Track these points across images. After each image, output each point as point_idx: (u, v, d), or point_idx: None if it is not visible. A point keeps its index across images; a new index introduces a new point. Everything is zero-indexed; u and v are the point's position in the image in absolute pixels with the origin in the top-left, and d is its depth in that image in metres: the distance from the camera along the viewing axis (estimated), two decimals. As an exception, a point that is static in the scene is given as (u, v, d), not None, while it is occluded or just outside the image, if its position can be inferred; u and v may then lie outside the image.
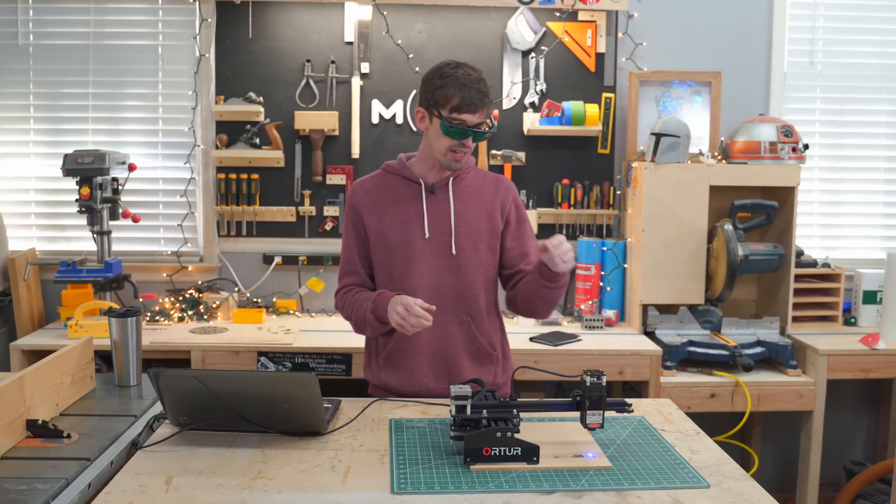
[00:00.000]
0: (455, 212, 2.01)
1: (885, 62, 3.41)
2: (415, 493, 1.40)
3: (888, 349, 2.87)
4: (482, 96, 1.90)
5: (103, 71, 3.24)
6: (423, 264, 1.99)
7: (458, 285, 2.01)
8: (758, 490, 1.44)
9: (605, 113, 3.25)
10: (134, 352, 2.03)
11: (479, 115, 1.91)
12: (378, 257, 2.03)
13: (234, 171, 3.22)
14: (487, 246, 2.03)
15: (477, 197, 2.05)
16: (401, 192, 2.03)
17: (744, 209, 2.93)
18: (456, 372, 2.01)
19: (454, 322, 2.01)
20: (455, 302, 2.01)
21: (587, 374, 1.55)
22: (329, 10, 3.19)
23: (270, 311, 3.19)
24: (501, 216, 2.06)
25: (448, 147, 1.93)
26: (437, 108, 1.90)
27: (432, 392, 1.99)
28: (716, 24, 3.31)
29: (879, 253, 3.42)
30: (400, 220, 2.00)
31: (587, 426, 1.57)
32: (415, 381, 2.01)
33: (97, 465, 1.51)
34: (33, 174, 3.28)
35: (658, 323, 2.97)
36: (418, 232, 1.99)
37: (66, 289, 3.01)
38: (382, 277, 2.04)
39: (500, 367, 2.09)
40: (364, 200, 2.04)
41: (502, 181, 2.11)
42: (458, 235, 2.00)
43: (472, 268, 2.01)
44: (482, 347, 2.04)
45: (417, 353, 2.00)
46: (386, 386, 2.04)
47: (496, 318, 2.11)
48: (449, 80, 1.89)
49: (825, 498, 3.20)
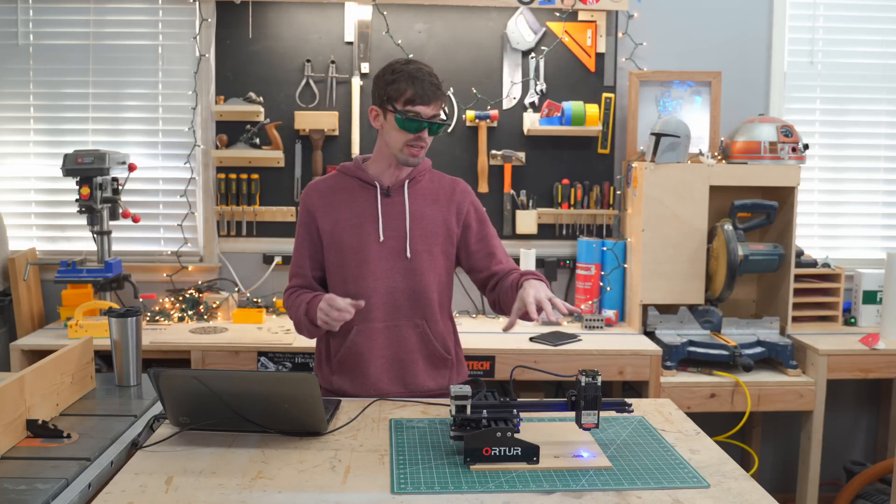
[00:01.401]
0: (410, 214, 2.00)
1: (885, 62, 3.41)
2: (415, 493, 1.40)
3: (888, 349, 2.87)
4: (435, 88, 1.90)
5: (103, 71, 3.24)
6: (377, 267, 1.98)
7: (413, 289, 2.00)
8: (758, 490, 1.44)
9: (605, 113, 3.25)
10: (134, 352, 2.03)
11: (433, 107, 1.91)
12: (331, 260, 2.02)
13: (234, 171, 3.22)
14: (442, 249, 2.03)
15: (433, 200, 2.04)
16: (356, 193, 2.02)
17: (744, 209, 2.93)
18: (410, 376, 2.01)
19: (408, 326, 2.01)
20: (409, 306, 2.00)
21: (582, 373, 1.55)
22: (329, 10, 3.19)
23: (270, 311, 3.19)
24: (458, 220, 2.05)
25: (404, 142, 1.92)
26: (391, 102, 1.90)
27: (386, 396, 1.98)
28: (716, 24, 3.31)
29: (879, 253, 3.42)
30: (354, 222, 1.99)
31: (582, 426, 1.56)
32: (369, 385, 2.00)
33: (97, 465, 1.50)
34: (33, 174, 3.28)
35: (658, 323, 2.97)
36: (373, 235, 1.98)
37: (66, 289, 3.01)
38: (336, 280, 2.02)
39: (454, 371, 2.09)
40: (318, 202, 2.03)
41: (458, 184, 2.10)
42: (413, 238, 1.99)
43: (427, 271, 2.01)
44: (436, 351, 2.03)
45: (371, 358, 1.99)
46: (339, 391, 2.03)
47: (449, 322, 2.11)
48: (400, 74, 1.90)
49: (825, 498, 3.20)
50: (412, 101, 1.88)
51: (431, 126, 1.92)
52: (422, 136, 1.92)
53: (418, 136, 1.91)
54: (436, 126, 1.93)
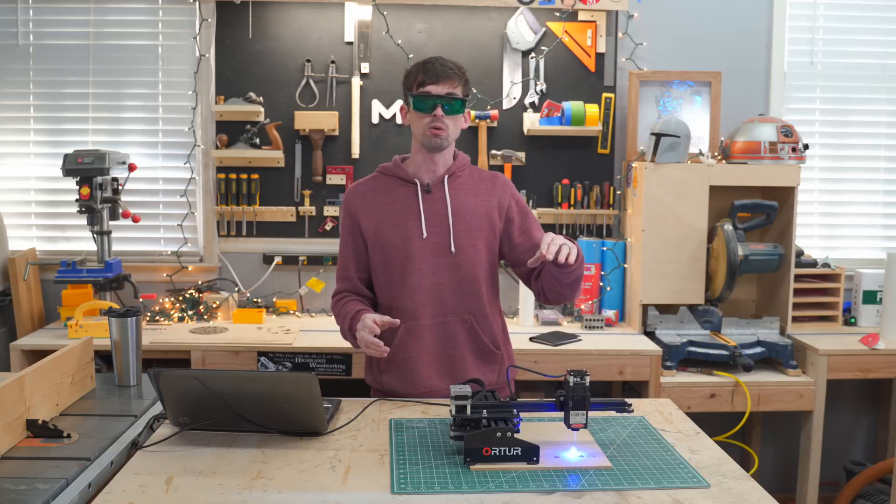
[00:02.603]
0: (452, 210, 2.00)
1: (885, 62, 3.41)
2: (415, 493, 1.40)
3: (888, 349, 2.87)
4: (445, 69, 1.94)
5: (103, 71, 3.24)
6: (422, 264, 1.99)
7: (459, 283, 2.00)
8: (758, 490, 1.44)
9: (605, 113, 3.25)
10: (134, 352, 2.03)
11: (445, 86, 1.94)
12: (376, 259, 2.03)
13: (234, 171, 3.22)
14: (485, 243, 2.03)
15: (474, 194, 2.04)
16: (397, 192, 2.03)
17: (744, 209, 2.93)
18: (460, 372, 2.01)
19: (456, 321, 2.01)
20: (456, 301, 2.00)
21: (570, 374, 1.55)
22: (329, 10, 3.19)
23: (270, 311, 3.19)
24: (500, 214, 2.05)
25: (424, 125, 1.95)
26: (409, 91, 1.98)
27: (437, 393, 1.98)
28: (716, 24, 3.31)
29: (879, 253, 3.42)
30: (397, 220, 2.00)
31: (570, 426, 1.56)
32: (419, 382, 2.00)
33: (97, 465, 1.50)
34: (33, 174, 3.28)
35: (658, 323, 2.97)
36: (416, 232, 1.99)
37: (66, 289, 3.01)
38: (382, 279, 2.03)
39: (503, 366, 2.08)
40: (360, 203, 2.05)
41: (498, 178, 2.11)
42: (456, 233, 2.00)
43: (472, 265, 2.01)
44: (485, 346, 2.03)
45: (420, 355, 2.00)
46: (389, 389, 2.03)
47: (498, 316, 2.11)
48: (416, 65, 1.99)
49: (825, 498, 3.20)
50: (423, 83, 1.94)
51: (444, 104, 1.93)
52: (437, 114, 1.93)
53: (434, 115, 1.93)
54: (448, 104, 1.94)
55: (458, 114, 1.98)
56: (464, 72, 1.99)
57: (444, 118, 1.94)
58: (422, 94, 1.93)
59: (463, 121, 2.03)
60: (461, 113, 1.99)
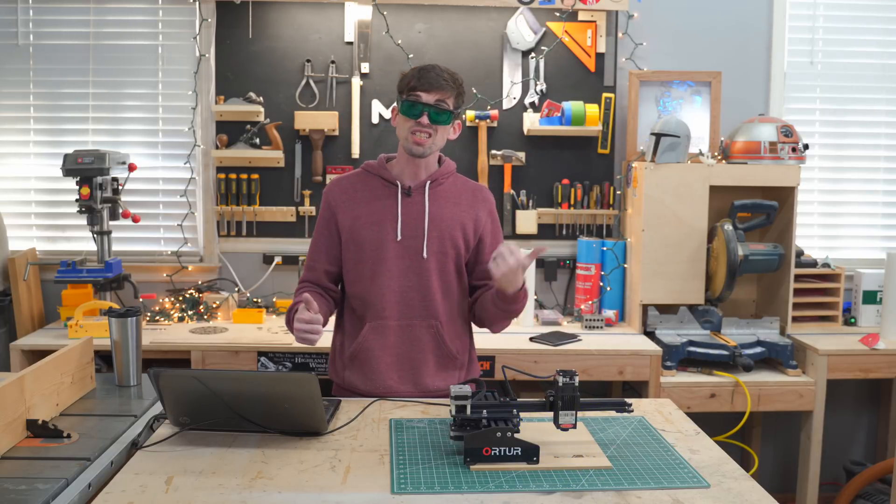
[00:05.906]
0: (430, 215, 2.00)
1: (885, 62, 3.41)
2: (415, 493, 1.40)
3: (888, 349, 2.87)
4: (439, 78, 1.93)
5: (103, 71, 3.24)
6: (392, 266, 1.99)
7: (428, 289, 2.00)
8: (758, 490, 1.44)
9: (605, 113, 3.25)
10: (134, 352, 2.03)
11: (435, 95, 1.93)
12: (349, 256, 2.03)
13: (234, 171, 3.22)
14: (457, 252, 2.03)
15: (454, 203, 2.05)
16: (377, 192, 2.03)
17: (744, 209, 2.93)
18: (420, 376, 2.02)
19: (422, 326, 2.01)
20: (423, 306, 2.01)
21: (560, 374, 1.55)
22: (329, 10, 3.19)
23: (270, 311, 3.19)
24: (475, 230, 2.06)
25: (408, 129, 1.95)
26: (400, 94, 1.97)
27: (394, 393, 1.99)
28: (716, 24, 3.31)
29: (879, 253, 3.42)
30: (374, 219, 2.00)
31: (560, 426, 1.56)
32: (378, 381, 2.01)
33: (97, 465, 1.50)
34: (33, 174, 3.28)
35: (658, 323, 2.97)
36: (391, 233, 1.99)
37: (66, 289, 3.01)
38: (353, 276, 2.04)
39: (464, 373, 2.09)
40: (340, 198, 2.05)
41: (481, 191, 2.12)
42: (430, 239, 2.00)
43: (443, 272, 2.02)
44: (448, 353, 2.04)
45: (383, 355, 2.01)
46: (350, 385, 2.04)
47: (465, 324, 2.12)
48: (413, 70, 1.98)
49: (825, 498, 3.20)
50: (414, 88, 1.94)
51: (432, 113, 1.92)
52: (421, 121, 1.93)
53: (418, 121, 1.93)
54: (436, 113, 1.93)
55: (444, 124, 1.97)
56: (459, 83, 1.97)
57: (429, 127, 1.94)
58: (411, 100, 1.93)
59: (451, 132, 2.02)
60: (448, 124, 1.98)
